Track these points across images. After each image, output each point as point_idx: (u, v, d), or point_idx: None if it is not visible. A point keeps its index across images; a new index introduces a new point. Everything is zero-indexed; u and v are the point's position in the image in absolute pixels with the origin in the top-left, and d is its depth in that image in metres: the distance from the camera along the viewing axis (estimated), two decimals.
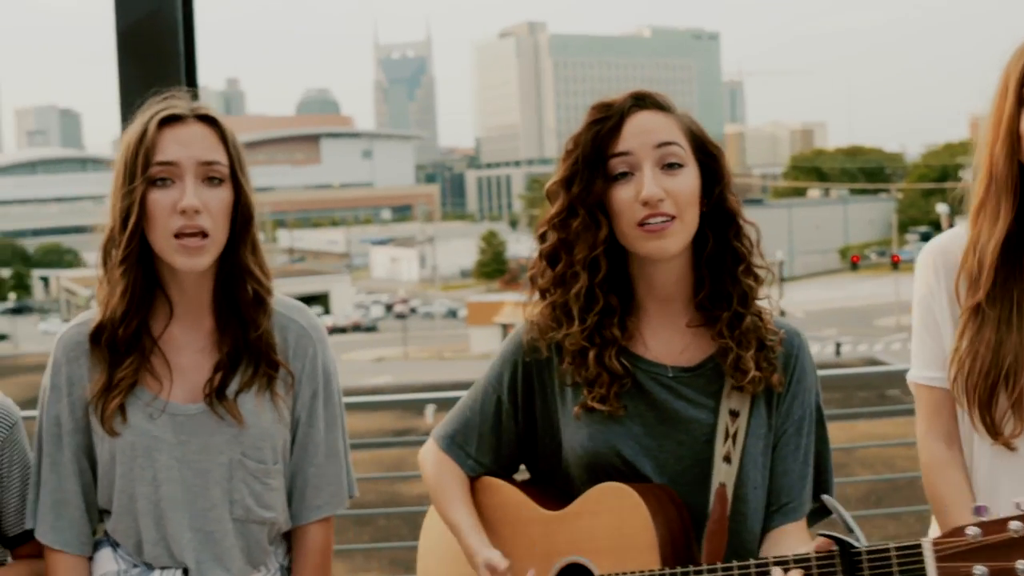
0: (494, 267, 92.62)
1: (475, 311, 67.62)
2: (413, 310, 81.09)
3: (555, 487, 2.44)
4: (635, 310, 2.40)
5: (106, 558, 2.45)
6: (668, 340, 2.38)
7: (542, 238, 2.39)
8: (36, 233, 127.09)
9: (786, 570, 2.07)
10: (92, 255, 2.45)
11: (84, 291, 78.48)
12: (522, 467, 2.59)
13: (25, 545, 2.52)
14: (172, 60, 3.23)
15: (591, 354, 2.32)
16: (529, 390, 2.45)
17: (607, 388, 2.32)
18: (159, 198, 2.28)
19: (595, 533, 2.30)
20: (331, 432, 2.51)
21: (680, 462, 2.33)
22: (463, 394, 2.56)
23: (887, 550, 1.96)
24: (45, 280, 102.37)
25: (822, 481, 2.44)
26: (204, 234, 2.28)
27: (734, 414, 2.32)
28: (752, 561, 2.13)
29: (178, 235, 2.27)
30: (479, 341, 64.44)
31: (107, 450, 2.38)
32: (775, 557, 2.12)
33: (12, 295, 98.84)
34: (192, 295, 2.40)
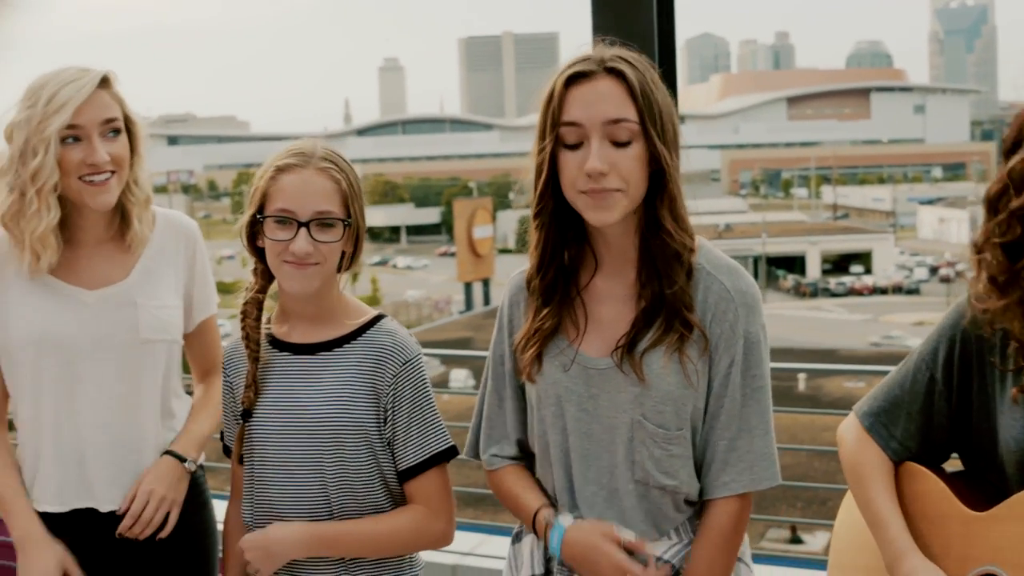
0: None
1: None
2: (959, 274, 77.05)
3: (988, 484, 2.16)
4: None
5: None
6: None
7: (999, 224, 2.08)
8: None
9: None
10: None
11: None
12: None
13: (414, 480, 2.58)
14: (645, 13, 3.20)
15: None
16: (966, 369, 2.19)
17: None
18: (568, 158, 2.24)
19: (1020, 543, 2.01)
20: (748, 406, 2.31)
21: None
22: None
23: None
24: None
25: None
26: (617, 190, 2.22)
27: None
28: None
29: (585, 192, 2.23)
30: None
31: (533, 394, 2.42)
32: None
33: None
34: (617, 249, 2.34)
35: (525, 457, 2.52)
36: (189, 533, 2.94)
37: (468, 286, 63.12)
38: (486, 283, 64.04)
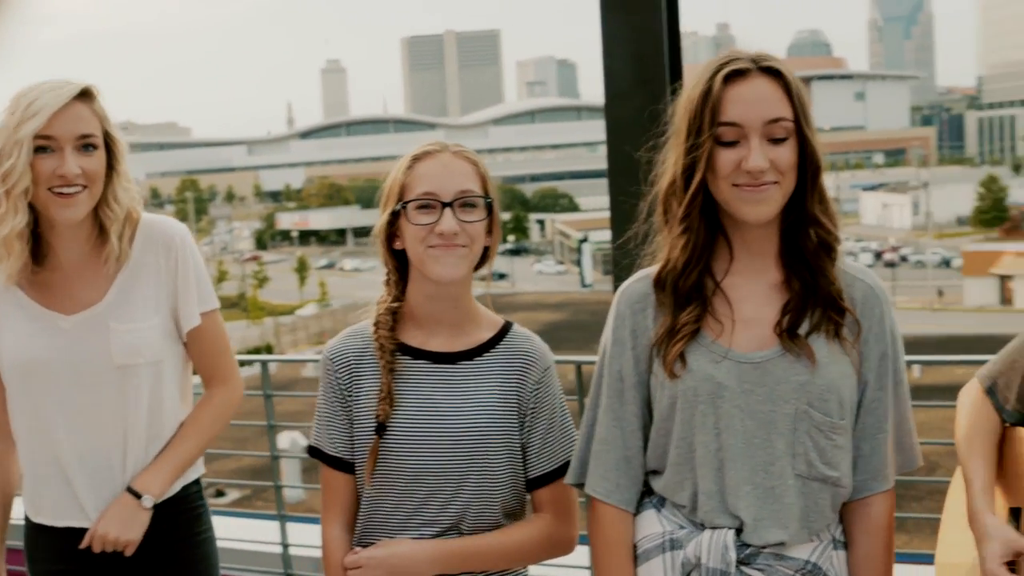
0: (994, 214, 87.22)
1: (971, 261, 64.15)
2: (904, 258, 78.01)
3: None
4: None
5: (650, 519, 2.41)
6: None
7: None
8: (534, 179, 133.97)
9: None
10: (585, 200, 2.49)
11: (576, 234, 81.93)
12: None
13: (543, 488, 2.57)
14: (653, 8, 3.23)
15: None
16: None
17: None
18: (723, 155, 2.25)
19: None
20: (900, 397, 2.37)
21: None
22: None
23: None
24: (541, 223, 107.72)
25: None
26: (774, 182, 2.25)
27: None
28: None
29: (739, 185, 2.25)
30: (974, 293, 61.10)
31: (667, 397, 2.35)
32: None
33: (511, 237, 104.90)
34: (756, 244, 2.35)
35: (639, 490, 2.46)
36: (184, 548, 2.96)
37: None
38: None
